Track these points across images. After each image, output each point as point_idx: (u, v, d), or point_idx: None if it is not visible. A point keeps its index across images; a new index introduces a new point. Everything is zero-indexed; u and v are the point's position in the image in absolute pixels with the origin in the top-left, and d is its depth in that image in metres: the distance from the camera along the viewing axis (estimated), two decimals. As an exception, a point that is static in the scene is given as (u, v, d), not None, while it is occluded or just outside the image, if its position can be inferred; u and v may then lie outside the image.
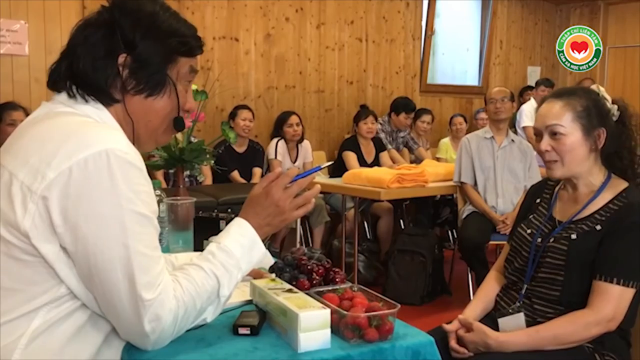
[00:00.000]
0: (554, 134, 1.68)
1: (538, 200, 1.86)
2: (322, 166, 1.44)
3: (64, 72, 1.17)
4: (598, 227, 1.64)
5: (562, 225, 1.72)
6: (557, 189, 1.83)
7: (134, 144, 1.18)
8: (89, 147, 1.04)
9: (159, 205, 1.91)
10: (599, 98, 1.71)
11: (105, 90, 1.16)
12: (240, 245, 1.21)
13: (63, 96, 1.17)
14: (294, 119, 4.95)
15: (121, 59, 1.15)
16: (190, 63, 1.23)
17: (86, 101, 1.16)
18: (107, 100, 1.17)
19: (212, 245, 1.21)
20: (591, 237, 1.64)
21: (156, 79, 1.18)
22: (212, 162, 2.98)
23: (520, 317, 1.69)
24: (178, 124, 1.24)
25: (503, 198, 3.90)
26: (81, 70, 1.14)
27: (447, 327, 1.75)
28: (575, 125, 1.66)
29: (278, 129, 5.00)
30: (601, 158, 1.72)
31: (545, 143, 1.69)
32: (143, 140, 1.24)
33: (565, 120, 1.66)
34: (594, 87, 1.77)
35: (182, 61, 1.21)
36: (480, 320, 1.76)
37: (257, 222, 1.25)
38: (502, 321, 1.72)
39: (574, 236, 1.66)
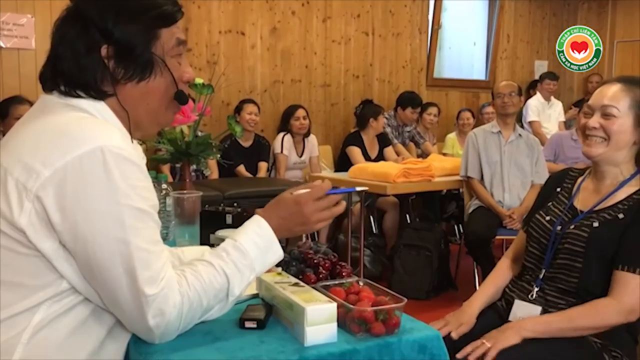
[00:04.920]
0: (606, 115, 1.68)
1: (559, 189, 1.85)
2: (358, 189, 1.47)
3: (50, 74, 1.14)
4: (621, 216, 1.64)
5: (583, 213, 1.72)
6: (580, 180, 1.83)
7: (131, 134, 1.16)
8: (83, 144, 1.02)
9: (165, 199, 1.91)
10: None
11: (95, 87, 1.13)
12: (256, 246, 1.19)
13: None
14: (300, 112, 4.95)
15: (103, 51, 1.11)
16: (175, 35, 1.18)
17: (79, 97, 1.13)
18: (99, 96, 1.14)
19: (228, 242, 1.19)
20: (613, 225, 1.63)
21: (143, 60, 1.14)
22: (219, 156, 2.98)
23: (536, 310, 1.68)
24: (180, 97, 1.20)
25: (510, 193, 3.88)
26: (67, 72, 1.12)
27: (442, 330, 1.71)
28: (629, 112, 1.66)
29: (285, 123, 4.99)
30: (636, 156, 1.71)
31: (595, 120, 1.69)
32: (145, 125, 1.21)
33: (622, 104, 1.67)
34: None
35: (165, 33, 1.16)
36: (483, 310, 1.75)
37: (277, 225, 1.23)
38: (517, 303, 1.72)
39: (595, 224, 1.66)
